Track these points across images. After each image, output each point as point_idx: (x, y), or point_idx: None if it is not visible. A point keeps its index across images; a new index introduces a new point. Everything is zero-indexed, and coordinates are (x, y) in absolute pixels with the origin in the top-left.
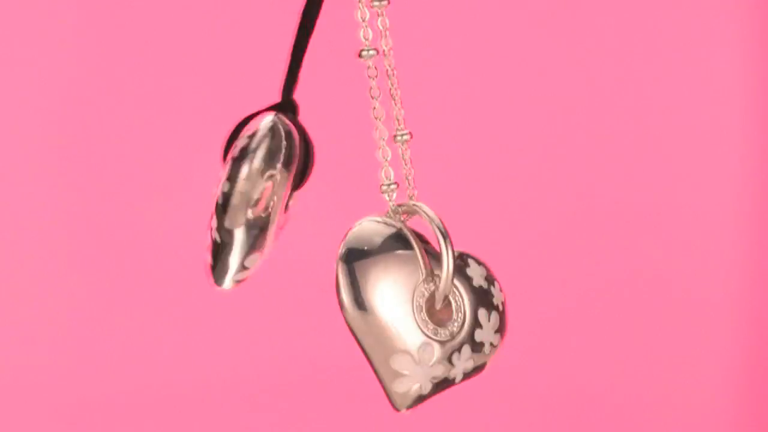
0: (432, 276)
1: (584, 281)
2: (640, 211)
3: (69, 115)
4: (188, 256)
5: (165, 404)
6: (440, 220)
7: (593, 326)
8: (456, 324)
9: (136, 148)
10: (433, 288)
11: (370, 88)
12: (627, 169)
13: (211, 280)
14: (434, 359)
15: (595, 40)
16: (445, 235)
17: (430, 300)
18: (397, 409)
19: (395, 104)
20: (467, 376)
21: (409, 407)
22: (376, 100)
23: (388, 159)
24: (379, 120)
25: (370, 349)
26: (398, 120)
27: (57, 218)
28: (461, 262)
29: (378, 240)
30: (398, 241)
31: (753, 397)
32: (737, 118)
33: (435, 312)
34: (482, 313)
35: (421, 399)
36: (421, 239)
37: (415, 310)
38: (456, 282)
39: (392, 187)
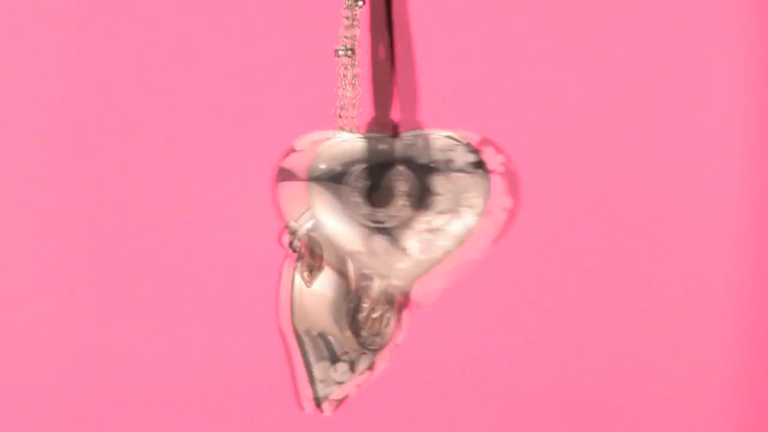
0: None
1: (582, 281)
2: (639, 210)
3: (71, 117)
4: (187, 257)
5: (164, 406)
6: None
7: (592, 327)
8: (387, 331)
9: (136, 149)
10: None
11: (338, 87)
12: (626, 168)
13: None
14: (365, 366)
15: (583, 36)
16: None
17: (368, 310)
18: (320, 411)
19: (354, 104)
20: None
21: (334, 409)
22: (342, 98)
23: None
24: (343, 119)
25: (310, 356)
26: (352, 119)
27: (57, 219)
28: None
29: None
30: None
31: (753, 397)
32: (737, 118)
33: (369, 320)
34: (404, 316)
35: (343, 402)
36: None
37: (356, 322)
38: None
39: None
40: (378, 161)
